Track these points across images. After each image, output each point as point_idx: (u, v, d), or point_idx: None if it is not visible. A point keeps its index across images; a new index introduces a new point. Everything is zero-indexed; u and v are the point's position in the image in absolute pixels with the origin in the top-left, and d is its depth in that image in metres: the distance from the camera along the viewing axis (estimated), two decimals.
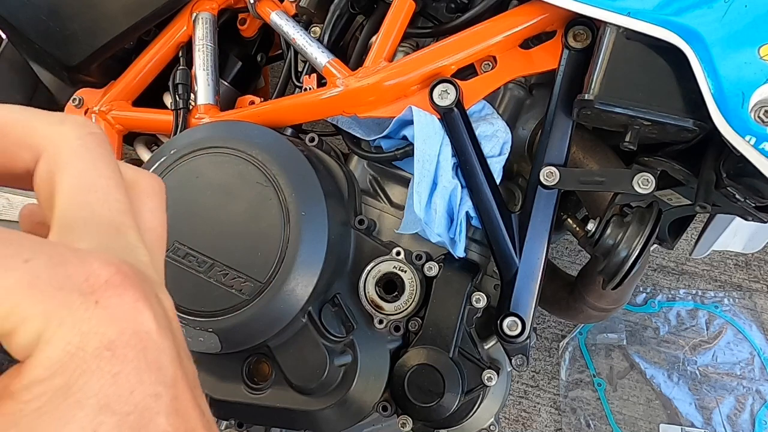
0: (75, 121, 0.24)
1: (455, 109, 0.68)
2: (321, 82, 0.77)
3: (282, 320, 0.65)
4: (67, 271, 0.19)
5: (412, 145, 0.69)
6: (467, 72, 0.72)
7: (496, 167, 0.70)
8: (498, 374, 0.71)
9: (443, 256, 0.72)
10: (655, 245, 0.82)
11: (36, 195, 0.24)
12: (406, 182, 0.77)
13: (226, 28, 0.93)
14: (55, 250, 0.20)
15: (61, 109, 0.91)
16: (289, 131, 0.79)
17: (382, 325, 0.70)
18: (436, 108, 0.68)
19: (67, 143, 0.23)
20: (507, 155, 0.71)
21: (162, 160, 0.68)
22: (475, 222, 0.71)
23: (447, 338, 0.69)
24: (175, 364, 0.21)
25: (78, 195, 0.23)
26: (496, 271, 0.72)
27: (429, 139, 0.68)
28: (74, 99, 0.91)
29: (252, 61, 0.99)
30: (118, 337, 0.20)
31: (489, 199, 0.69)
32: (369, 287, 0.71)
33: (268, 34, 0.98)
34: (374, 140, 0.75)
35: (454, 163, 0.70)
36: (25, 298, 0.19)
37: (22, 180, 0.25)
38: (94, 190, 0.23)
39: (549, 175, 0.68)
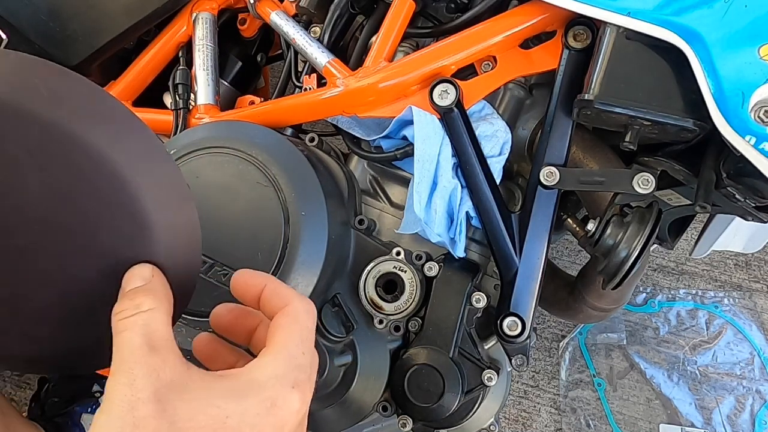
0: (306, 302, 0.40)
1: (455, 109, 0.68)
2: (321, 82, 0.77)
3: None
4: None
5: (412, 145, 0.69)
6: (467, 72, 0.72)
7: (496, 167, 0.70)
8: (498, 374, 0.71)
9: (443, 256, 0.72)
10: (655, 245, 0.82)
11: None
12: (406, 182, 0.77)
13: (226, 28, 0.93)
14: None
15: None
16: (289, 131, 0.79)
17: (382, 325, 0.70)
18: (436, 108, 0.68)
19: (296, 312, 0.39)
20: (507, 155, 0.71)
21: None
22: (475, 222, 0.71)
23: (447, 338, 0.69)
24: None
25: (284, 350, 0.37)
26: (496, 271, 0.72)
27: (429, 139, 0.68)
28: None
29: (252, 61, 0.99)
30: None
31: (489, 199, 0.69)
32: (369, 287, 0.71)
33: (268, 34, 0.98)
34: (374, 140, 0.75)
35: (454, 163, 0.69)
36: None
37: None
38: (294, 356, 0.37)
39: (549, 175, 0.68)
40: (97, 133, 0.37)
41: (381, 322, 0.70)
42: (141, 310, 0.34)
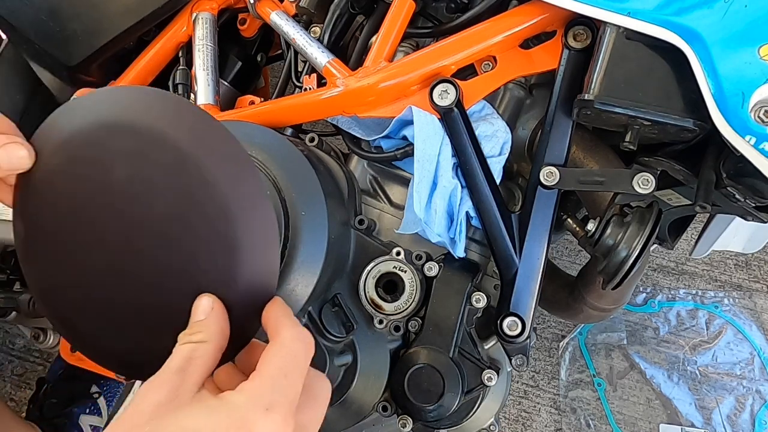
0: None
1: (455, 109, 0.68)
2: (321, 82, 0.77)
3: None
4: None
5: (412, 145, 0.69)
6: (467, 72, 0.72)
7: (496, 167, 0.70)
8: (498, 374, 0.71)
9: (443, 256, 0.72)
10: (655, 245, 0.82)
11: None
12: (406, 182, 0.77)
13: (226, 28, 0.93)
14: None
15: None
16: (289, 131, 0.79)
17: (382, 325, 0.70)
18: (436, 108, 0.68)
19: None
20: (507, 155, 0.71)
21: None
22: (475, 222, 0.71)
23: (447, 338, 0.69)
24: None
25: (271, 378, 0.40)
26: (496, 271, 0.72)
27: (429, 139, 0.68)
28: (74, 99, 0.91)
29: (252, 61, 0.99)
30: None
31: (489, 199, 0.69)
32: (369, 287, 0.71)
33: (268, 34, 0.98)
34: (374, 140, 0.75)
35: (454, 163, 0.69)
36: None
37: None
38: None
39: (549, 175, 0.68)
40: (221, 170, 0.44)
41: (381, 322, 0.70)
42: (191, 340, 0.41)
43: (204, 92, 0.82)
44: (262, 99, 0.84)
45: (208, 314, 0.42)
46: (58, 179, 0.47)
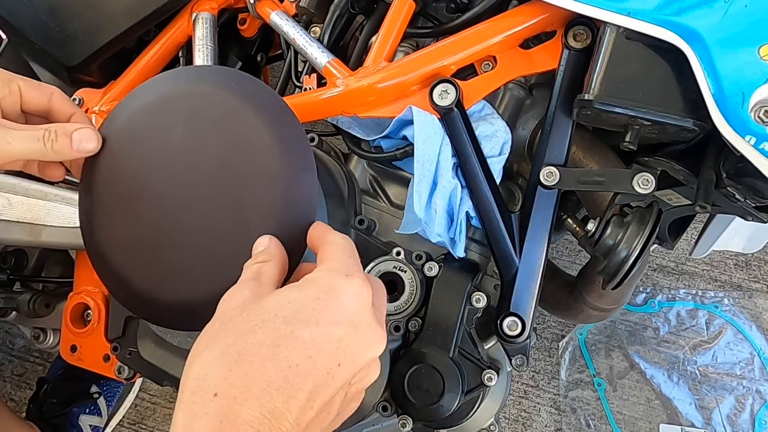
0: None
1: (455, 109, 0.68)
2: (321, 82, 0.77)
3: None
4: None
5: (412, 145, 0.69)
6: (467, 72, 0.72)
7: (496, 167, 0.70)
8: (498, 374, 0.71)
9: (443, 256, 0.72)
10: (655, 245, 0.82)
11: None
12: (406, 182, 0.77)
13: (226, 28, 0.93)
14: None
15: None
16: None
17: None
18: (436, 108, 0.68)
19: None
20: (507, 155, 0.71)
21: None
22: (475, 222, 0.71)
23: (447, 338, 0.69)
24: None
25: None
26: (496, 271, 0.72)
27: (429, 139, 0.68)
28: (74, 99, 0.91)
29: (252, 61, 0.99)
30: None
31: (489, 199, 0.69)
32: None
33: (268, 34, 0.99)
34: (374, 140, 0.75)
35: (454, 163, 0.69)
36: None
37: None
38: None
39: (549, 175, 0.68)
40: (263, 115, 0.51)
41: None
42: (257, 261, 0.47)
43: None
44: None
45: (267, 245, 0.48)
46: (122, 153, 0.55)
